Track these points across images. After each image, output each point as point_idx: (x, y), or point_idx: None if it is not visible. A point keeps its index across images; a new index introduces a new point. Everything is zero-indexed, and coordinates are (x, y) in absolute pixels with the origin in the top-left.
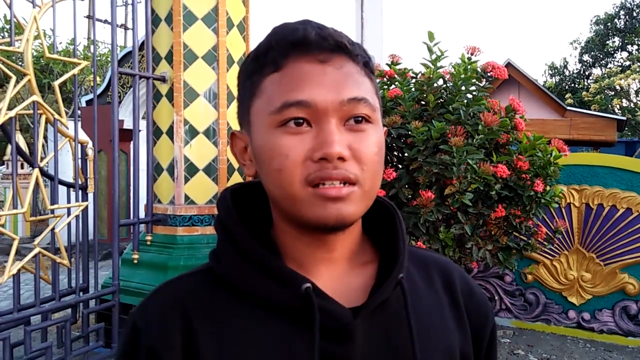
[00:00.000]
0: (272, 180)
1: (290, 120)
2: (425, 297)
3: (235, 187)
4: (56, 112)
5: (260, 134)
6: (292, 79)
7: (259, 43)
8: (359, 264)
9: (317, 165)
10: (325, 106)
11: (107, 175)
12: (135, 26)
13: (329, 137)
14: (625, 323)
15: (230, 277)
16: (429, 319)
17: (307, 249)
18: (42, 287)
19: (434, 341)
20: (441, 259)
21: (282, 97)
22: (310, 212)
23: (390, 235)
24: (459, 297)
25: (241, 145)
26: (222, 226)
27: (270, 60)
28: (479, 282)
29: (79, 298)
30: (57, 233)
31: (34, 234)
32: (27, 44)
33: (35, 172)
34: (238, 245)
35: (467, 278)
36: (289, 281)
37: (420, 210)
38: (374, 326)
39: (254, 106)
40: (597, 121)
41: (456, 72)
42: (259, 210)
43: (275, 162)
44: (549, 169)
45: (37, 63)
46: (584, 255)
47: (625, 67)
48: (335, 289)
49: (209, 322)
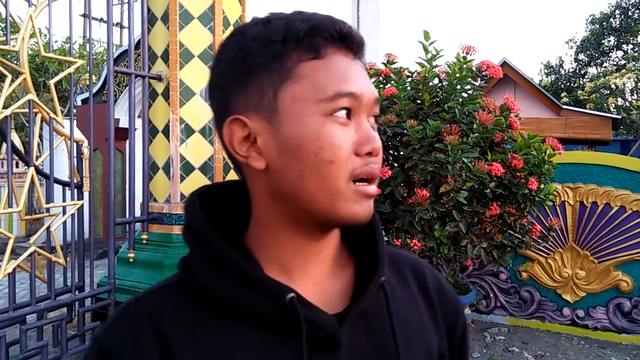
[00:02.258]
0: (316, 173)
1: (339, 110)
2: (402, 297)
3: (201, 191)
4: (52, 111)
5: (302, 122)
6: (339, 69)
7: (276, 26)
8: (339, 266)
9: (361, 160)
10: (367, 101)
11: (103, 174)
12: (131, 25)
13: (371, 131)
14: (619, 320)
15: (208, 290)
16: (407, 319)
17: (297, 251)
18: (37, 285)
19: (414, 342)
20: (411, 256)
21: (334, 86)
22: (347, 208)
23: (368, 237)
24: (432, 295)
25: (241, 135)
26: (193, 235)
27: (309, 46)
28: (474, 279)
29: (74, 297)
30: (52, 232)
31: (29, 233)
32: (22, 43)
33: (31, 171)
34: (214, 256)
35: (437, 275)
36: (272, 292)
37: (415, 208)
38: (358, 331)
39: (286, 91)
40: (593, 120)
41: (451, 71)
42: (227, 215)
43: (328, 153)
44: (543, 167)
45: (32, 62)
46: (578, 253)
47: (621, 66)
48: (317, 294)
49: (188, 341)
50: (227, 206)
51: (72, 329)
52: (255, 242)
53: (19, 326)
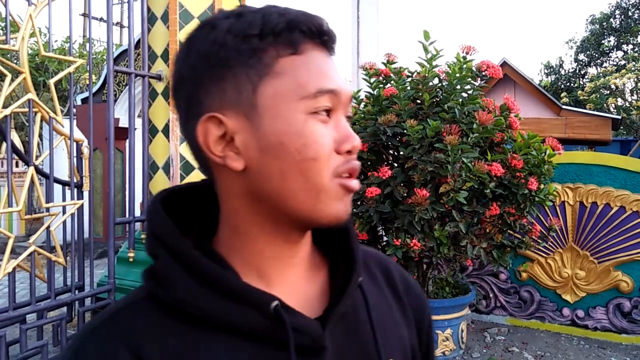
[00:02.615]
0: (299, 171)
1: (321, 108)
2: (373, 294)
3: (162, 196)
4: (51, 110)
5: (284, 119)
6: (318, 65)
7: (250, 19)
8: (313, 267)
9: (342, 158)
10: (345, 99)
11: (103, 174)
12: (131, 24)
13: (349, 129)
14: (619, 320)
15: (186, 304)
16: (382, 316)
17: (274, 255)
18: (37, 285)
19: (391, 339)
20: (375, 252)
21: (315, 83)
22: (332, 205)
23: (340, 236)
24: (399, 290)
25: (217, 134)
26: (160, 244)
27: (288, 41)
28: (473, 279)
29: (74, 296)
30: (52, 231)
31: (29, 232)
32: (22, 42)
33: (31, 170)
34: (188, 266)
35: (402, 271)
36: (256, 301)
37: (415, 208)
38: (338, 333)
39: (267, 87)
40: (593, 120)
41: (451, 71)
42: (191, 220)
43: (311, 150)
44: (543, 167)
45: (32, 61)
46: (578, 253)
47: (621, 66)
48: (296, 298)
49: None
50: (189, 210)
51: (72, 329)
52: (227, 248)
53: (19, 325)
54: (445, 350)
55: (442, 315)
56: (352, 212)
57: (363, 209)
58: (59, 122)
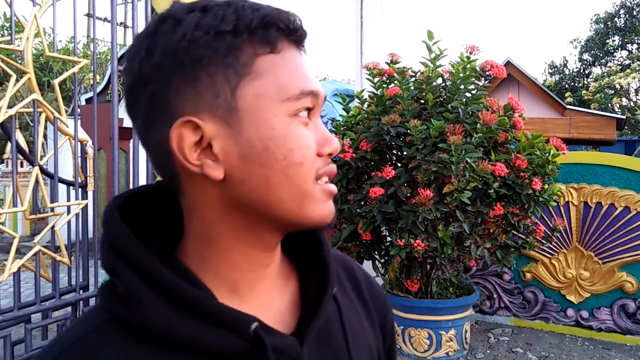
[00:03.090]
0: (285, 177)
1: (303, 109)
2: (344, 303)
3: (119, 203)
4: (56, 111)
5: (267, 123)
6: (296, 65)
7: (221, 14)
8: (283, 277)
9: (323, 160)
10: (322, 100)
11: (107, 174)
12: (134, 24)
13: (327, 131)
14: (623, 321)
15: (157, 328)
16: (352, 325)
17: (249, 266)
18: (42, 285)
19: (361, 348)
20: (339, 254)
21: (297, 84)
22: (317, 209)
23: (310, 243)
24: (364, 293)
25: (193, 140)
26: (122, 259)
27: (264, 38)
28: (477, 280)
29: (79, 296)
30: (57, 231)
31: (34, 232)
32: (27, 42)
33: (35, 170)
34: (157, 286)
35: (364, 271)
36: (234, 324)
37: (419, 208)
38: (314, 347)
39: (247, 88)
40: (597, 120)
41: (455, 71)
42: (151, 228)
43: (297, 154)
44: (547, 167)
45: (37, 61)
46: (583, 253)
47: (625, 66)
48: (269, 311)
49: None
50: (148, 217)
51: None
52: (197, 261)
53: (24, 325)
54: (449, 350)
55: (445, 316)
56: (356, 212)
57: (367, 209)
58: (64, 122)
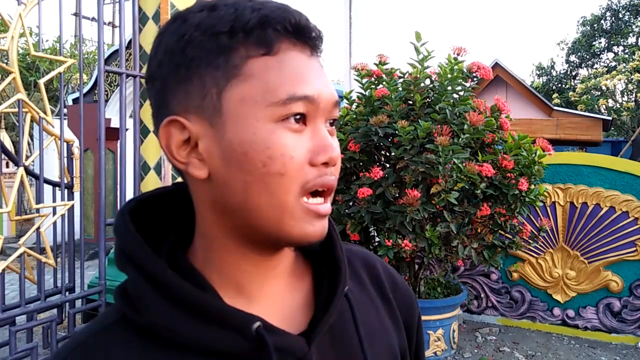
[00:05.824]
0: (264, 186)
1: (292, 115)
2: (360, 300)
3: (132, 206)
4: (42, 111)
5: (249, 128)
6: (294, 68)
7: (222, 13)
8: (296, 276)
9: (316, 171)
10: (325, 105)
11: (94, 174)
12: (122, 24)
13: (328, 139)
14: (609, 320)
15: (161, 329)
16: (369, 324)
17: (252, 268)
18: (27, 287)
19: (378, 347)
20: (361, 251)
21: (287, 88)
22: (297, 227)
23: (324, 242)
24: (387, 291)
25: (180, 138)
26: (131, 262)
27: (260, 39)
28: (465, 280)
29: (65, 298)
30: (42, 232)
31: (19, 234)
32: (12, 42)
33: (20, 171)
34: (162, 288)
35: (388, 268)
36: (236, 324)
37: (406, 208)
38: (324, 347)
39: (233, 91)
40: (584, 121)
41: (443, 72)
42: (165, 228)
43: (277, 163)
44: (534, 168)
45: (22, 61)
46: (569, 253)
47: (611, 67)
48: (279, 311)
49: None
50: (162, 218)
51: (62, 331)
52: (203, 259)
53: (8, 328)
54: (436, 350)
55: (433, 316)
56: (344, 212)
57: (355, 209)
58: (49, 123)
